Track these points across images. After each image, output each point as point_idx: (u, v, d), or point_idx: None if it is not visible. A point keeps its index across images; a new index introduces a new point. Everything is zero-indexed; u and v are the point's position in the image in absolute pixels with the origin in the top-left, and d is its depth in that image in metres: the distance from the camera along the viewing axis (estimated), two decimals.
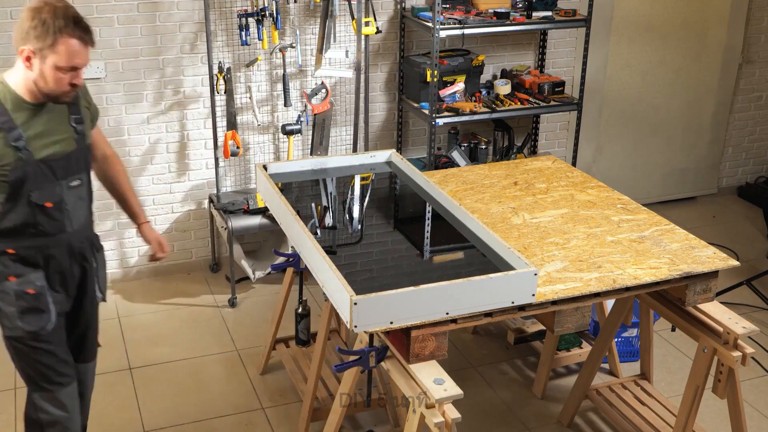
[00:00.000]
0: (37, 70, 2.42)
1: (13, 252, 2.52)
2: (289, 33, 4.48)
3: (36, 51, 2.41)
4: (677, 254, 2.97)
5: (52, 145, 2.50)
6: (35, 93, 2.46)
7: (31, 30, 2.41)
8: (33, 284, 2.53)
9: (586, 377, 3.50)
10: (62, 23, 2.42)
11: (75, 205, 2.58)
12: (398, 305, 2.46)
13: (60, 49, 2.43)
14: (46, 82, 2.44)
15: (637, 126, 5.54)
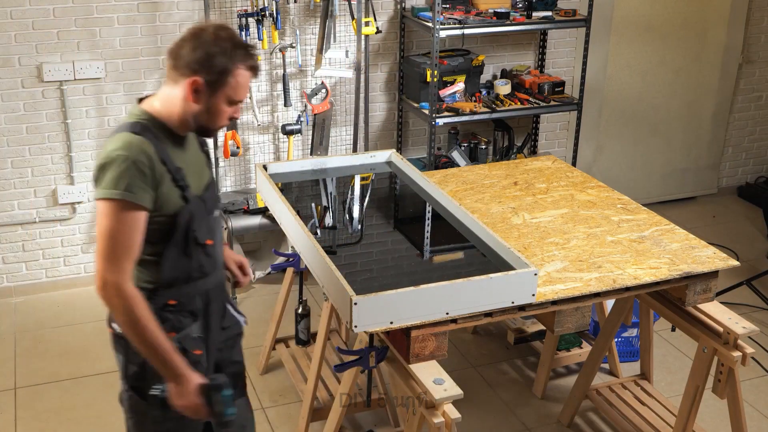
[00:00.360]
0: (203, 103, 2.15)
1: (174, 303, 2.23)
2: (289, 33, 4.48)
3: (208, 83, 2.12)
4: (677, 254, 2.97)
5: (199, 177, 2.29)
6: (188, 126, 2.20)
7: (209, 58, 2.11)
8: (194, 340, 2.26)
9: (586, 377, 3.49)
10: (239, 53, 2.14)
11: (219, 237, 2.35)
12: (398, 305, 2.46)
13: (234, 82, 2.15)
14: (210, 116, 2.18)
15: (637, 126, 5.54)
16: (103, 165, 2.07)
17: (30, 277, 4.49)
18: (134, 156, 2.07)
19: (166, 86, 2.19)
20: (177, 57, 2.14)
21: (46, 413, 3.59)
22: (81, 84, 4.25)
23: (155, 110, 2.18)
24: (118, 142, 2.09)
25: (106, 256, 2.06)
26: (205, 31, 2.13)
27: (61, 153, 4.33)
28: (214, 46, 2.10)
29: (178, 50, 2.14)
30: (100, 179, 2.07)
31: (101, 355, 4.00)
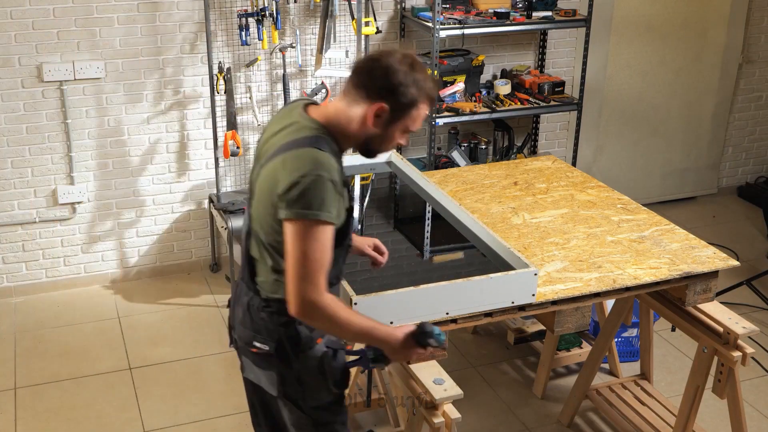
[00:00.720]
0: (381, 129, 2.13)
1: None
2: (289, 33, 4.48)
3: (393, 111, 2.11)
4: (677, 254, 2.97)
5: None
6: (357, 144, 2.19)
7: (400, 87, 2.08)
8: (338, 341, 2.29)
9: (586, 377, 3.49)
10: (428, 87, 2.14)
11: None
12: (398, 305, 2.46)
13: (416, 114, 2.15)
14: (383, 141, 2.18)
15: (637, 126, 5.54)
16: (297, 184, 2.01)
17: (30, 277, 4.49)
18: (329, 175, 2.03)
19: (343, 101, 2.15)
20: (365, 77, 2.12)
21: (46, 413, 3.59)
22: (81, 84, 4.25)
23: (328, 123, 2.15)
24: (308, 161, 2.04)
25: (304, 277, 2.04)
26: (399, 59, 2.11)
27: (61, 153, 4.33)
28: (407, 77, 2.09)
29: (367, 71, 2.12)
30: (296, 200, 2.02)
31: (101, 355, 4.00)
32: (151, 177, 4.53)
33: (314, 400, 2.28)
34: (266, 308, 2.22)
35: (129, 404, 3.66)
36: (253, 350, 2.25)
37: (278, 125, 2.21)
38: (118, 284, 4.63)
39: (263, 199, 2.13)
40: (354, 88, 2.13)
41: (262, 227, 2.16)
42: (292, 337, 2.21)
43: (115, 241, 4.59)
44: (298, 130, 2.13)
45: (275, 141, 2.17)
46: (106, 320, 4.30)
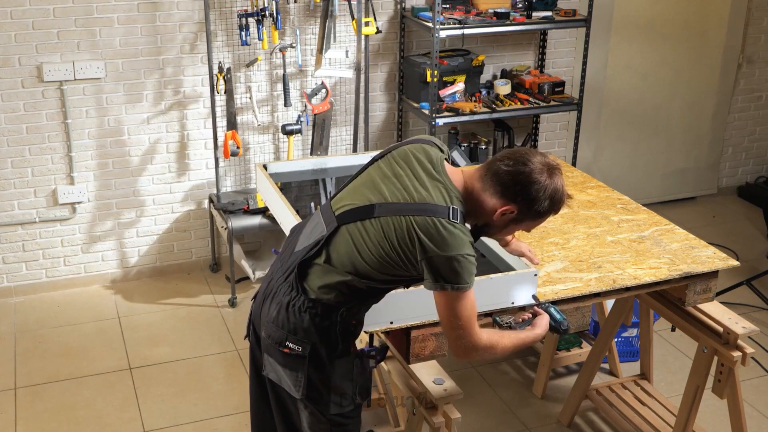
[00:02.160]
0: (502, 224, 2.25)
1: (356, 323, 2.32)
2: (289, 33, 4.48)
3: (520, 214, 2.21)
4: (677, 254, 2.97)
5: None
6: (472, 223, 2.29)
7: (536, 199, 2.18)
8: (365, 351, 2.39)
9: (586, 377, 3.49)
10: (562, 197, 2.23)
11: None
12: (398, 305, 2.46)
13: (541, 221, 2.28)
14: (496, 233, 2.33)
15: (637, 126, 5.54)
16: (447, 262, 2.12)
17: (30, 277, 4.49)
18: (471, 252, 2.16)
19: (479, 182, 2.21)
20: (506, 177, 2.17)
21: (46, 413, 3.59)
22: (81, 84, 4.25)
23: (465, 196, 2.22)
24: (459, 241, 2.13)
25: (462, 335, 2.21)
26: (539, 167, 2.17)
27: (61, 153, 4.33)
28: (545, 191, 2.17)
29: (511, 175, 2.17)
30: (448, 278, 2.14)
31: (101, 355, 4.00)
32: (151, 177, 4.53)
33: (337, 407, 2.31)
34: (311, 309, 2.23)
35: (129, 404, 3.66)
36: (285, 350, 2.25)
37: (417, 165, 2.24)
38: (118, 284, 4.63)
39: (386, 236, 2.18)
40: (492, 179, 2.19)
41: (362, 251, 2.20)
42: (331, 342, 2.25)
43: (115, 241, 4.59)
44: (442, 192, 2.19)
45: (412, 181, 2.21)
46: (106, 320, 4.30)
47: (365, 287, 2.24)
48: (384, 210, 2.19)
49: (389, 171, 2.25)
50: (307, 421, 2.33)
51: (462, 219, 2.17)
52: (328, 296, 2.22)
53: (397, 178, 2.22)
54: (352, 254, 2.20)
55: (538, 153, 2.23)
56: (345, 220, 2.23)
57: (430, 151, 2.27)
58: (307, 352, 2.23)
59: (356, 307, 2.28)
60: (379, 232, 2.17)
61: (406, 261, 2.17)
